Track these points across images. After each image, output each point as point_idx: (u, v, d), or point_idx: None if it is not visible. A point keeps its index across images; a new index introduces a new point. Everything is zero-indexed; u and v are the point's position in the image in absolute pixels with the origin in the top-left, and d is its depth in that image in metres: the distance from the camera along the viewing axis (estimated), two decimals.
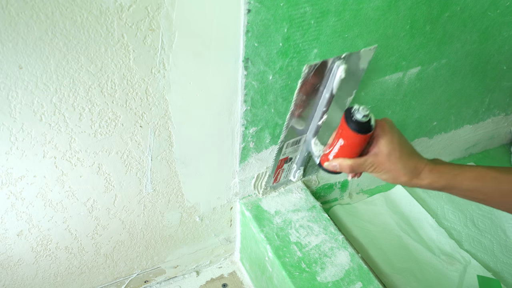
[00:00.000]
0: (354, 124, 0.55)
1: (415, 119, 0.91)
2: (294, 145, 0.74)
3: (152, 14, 0.48)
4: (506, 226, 0.99)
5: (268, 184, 0.81)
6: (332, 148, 0.60)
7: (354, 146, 0.57)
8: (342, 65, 0.60)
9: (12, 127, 0.51)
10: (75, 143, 0.57)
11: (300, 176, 0.84)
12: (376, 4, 0.61)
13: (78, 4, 0.44)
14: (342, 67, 0.60)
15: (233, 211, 0.85)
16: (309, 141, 0.73)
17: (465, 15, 0.73)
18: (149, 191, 0.70)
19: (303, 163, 0.80)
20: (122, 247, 0.77)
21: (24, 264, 0.70)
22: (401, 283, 0.85)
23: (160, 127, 0.61)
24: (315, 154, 0.70)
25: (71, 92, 0.52)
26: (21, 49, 0.45)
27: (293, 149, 0.75)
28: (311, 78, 0.61)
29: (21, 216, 0.62)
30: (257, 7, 0.53)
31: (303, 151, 0.76)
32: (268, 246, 0.76)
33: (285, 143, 0.72)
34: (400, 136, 0.57)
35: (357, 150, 0.58)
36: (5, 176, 0.56)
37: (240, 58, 0.58)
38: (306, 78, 0.60)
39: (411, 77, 0.79)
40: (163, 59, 0.53)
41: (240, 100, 0.64)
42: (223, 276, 0.94)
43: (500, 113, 1.07)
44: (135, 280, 0.87)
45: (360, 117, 0.55)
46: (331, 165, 0.61)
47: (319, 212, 0.82)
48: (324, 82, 0.63)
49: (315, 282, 0.71)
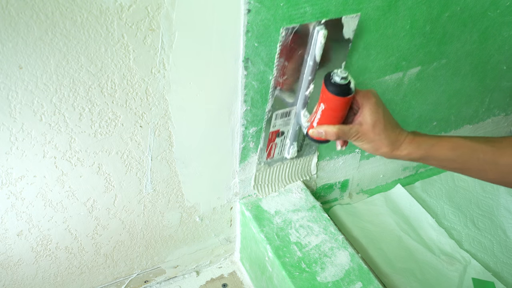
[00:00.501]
0: (333, 87, 0.55)
1: (415, 119, 0.91)
2: (284, 117, 0.72)
3: (152, 14, 0.48)
4: (506, 226, 0.99)
5: (261, 160, 0.79)
6: (315, 114, 0.60)
7: (336, 110, 0.57)
8: (322, 30, 0.59)
9: (12, 127, 0.51)
10: (75, 143, 0.57)
11: (295, 153, 0.81)
12: (376, 4, 0.61)
13: (78, 4, 0.44)
14: (322, 32, 0.59)
15: (233, 211, 0.85)
16: (298, 113, 0.72)
17: (465, 15, 0.73)
18: (149, 191, 0.70)
19: (296, 137, 0.78)
20: (122, 247, 0.77)
21: (24, 264, 0.70)
22: (401, 283, 0.85)
23: (160, 127, 0.61)
24: (304, 125, 0.70)
25: (71, 92, 0.52)
26: (21, 49, 0.45)
27: (283, 121, 0.73)
28: (292, 43, 0.60)
29: (21, 216, 0.62)
30: (257, 7, 0.53)
31: (294, 124, 0.75)
32: (268, 246, 0.76)
33: (273, 113, 0.70)
34: (384, 108, 0.57)
35: (339, 114, 0.58)
36: (5, 176, 0.56)
37: (240, 58, 0.58)
38: (285, 41, 0.59)
39: (411, 77, 0.79)
40: (163, 59, 0.53)
41: (240, 100, 0.64)
42: (223, 276, 0.94)
43: (500, 113, 1.07)
44: (135, 280, 0.87)
45: (338, 79, 0.54)
46: (316, 131, 0.60)
47: (319, 212, 0.82)
48: (307, 50, 0.63)
49: (315, 282, 0.71)
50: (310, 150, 0.87)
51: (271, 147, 0.78)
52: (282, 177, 0.85)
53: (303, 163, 0.87)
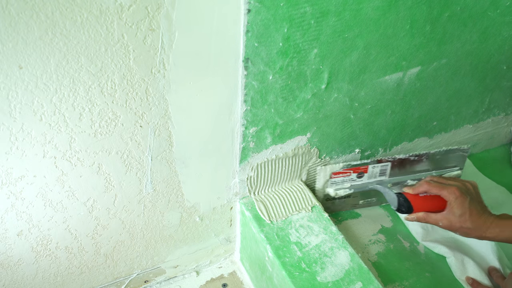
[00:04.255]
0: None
1: (415, 119, 0.91)
2: (379, 174, 0.84)
3: (152, 14, 0.48)
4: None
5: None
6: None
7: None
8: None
9: (12, 127, 0.51)
10: (75, 143, 0.57)
11: (338, 196, 0.87)
12: (376, 4, 0.62)
13: (78, 4, 0.44)
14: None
15: (233, 211, 0.85)
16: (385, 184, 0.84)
17: (465, 15, 0.73)
18: (149, 191, 0.70)
19: (358, 190, 0.87)
20: (122, 247, 0.77)
21: (24, 264, 0.70)
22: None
23: (160, 127, 0.62)
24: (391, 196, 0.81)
25: (71, 92, 0.52)
26: (21, 49, 0.45)
27: (373, 172, 0.84)
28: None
29: (21, 216, 0.62)
30: (257, 7, 0.53)
31: (372, 183, 0.85)
32: (268, 246, 0.76)
33: (378, 161, 0.83)
34: (471, 199, 0.71)
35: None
36: (5, 176, 0.56)
37: (240, 58, 0.58)
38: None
39: (411, 77, 0.79)
40: (163, 59, 0.53)
41: (240, 100, 0.64)
42: (223, 276, 0.94)
43: (500, 113, 1.07)
44: (135, 280, 0.87)
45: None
46: (417, 216, 0.76)
47: (319, 212, 0.82)
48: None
49: (315, 282, 0.71)
50: (345, 206, 0.94)
51: (339, 173, 0.84)
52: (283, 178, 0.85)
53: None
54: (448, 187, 0.72)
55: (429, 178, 0.78)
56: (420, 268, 0.86)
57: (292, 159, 0.81)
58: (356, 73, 0.71)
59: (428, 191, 0.75)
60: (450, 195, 0.71)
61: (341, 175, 0.84)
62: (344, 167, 0.84)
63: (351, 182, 0.86)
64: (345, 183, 0.87)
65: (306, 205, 0.83)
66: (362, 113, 0.80)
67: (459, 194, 0.71)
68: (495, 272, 0.82)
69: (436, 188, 0.74)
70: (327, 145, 0.83)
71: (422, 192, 0.76)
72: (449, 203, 0.72)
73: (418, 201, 0.76)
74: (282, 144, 0.76)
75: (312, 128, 0.76)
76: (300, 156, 0.82)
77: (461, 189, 0.72)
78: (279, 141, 0.75)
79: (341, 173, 0.84)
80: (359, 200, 0.93)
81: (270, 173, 0.81)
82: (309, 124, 0.75)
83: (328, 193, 0.88)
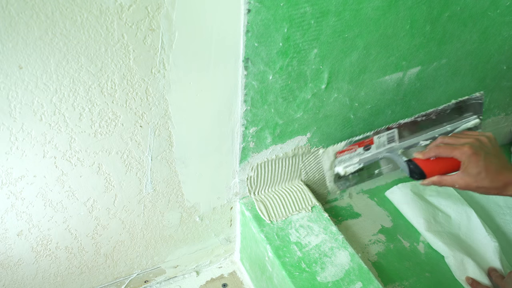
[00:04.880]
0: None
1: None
2: (387, 142, 0.80)
3: (152, 14, 0.48)
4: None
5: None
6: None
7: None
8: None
9: (12, 127, 0.51)
10: (75, 143, 0.57)
11: (348, 173, 0.84)
12: (376, 4, 0.62)
13: (78, 4, 0.44)
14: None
15: (233, 211, 0.85)
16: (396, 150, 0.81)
17: (465, 15, 0.73)
18: (149, 191, 0.70)
19: (369, 163, 0.83)
20: (122, 247, 0.77)
21: (24, 264, 0.70)
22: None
23: (160, 127, 0.62)
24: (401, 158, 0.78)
25: (71, 92, 0.52)
26: (21, 49, 0.45)
27: (380, 142, 0.79)
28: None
29: (21, 216, 0.62)
30: (257, 7, 0.53)
31: (382, 152, 0.81)
32: (268, 246, 0.76)
33: (383, 130, 0.79)
34: (487, 155, 0.68)
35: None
36: (5, 176, 0.56)
37: (240, 58, 0.58)
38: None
39: (411, 77, 0.79)
40: (163, 59, 0.54)
41: (240, 100, 0.64)
42: (223, 276, 0.94)
43: (500, 113, 1.07)
44: (135, 280, 0.87)
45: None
46: (431, 180, 0.73)
47: (319, 212, 0.82)
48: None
49: (315, 282, 0.71)
50: (361, 180, 0.92)
51: (344, 150, 0.81)
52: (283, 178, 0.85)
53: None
54: (459, 147, 0.69)
55: (440, 140, 0.75)
56: (420, 268, 0.86)
57: (292, 159, 0.81)
58: (356, 73, 0.71)
59: (439, 155, 0.72)
60: (462, 155, 0.68)
61: (346, 152, 0.81)
62: (347, 145, 0.81)
63: (359, 156, 0.83)
64: (353, 159, 0.83)
65: (306, 205, 0.83)
66: (362, 113, 0.80)
67: (471, 153, 0.67)
68: (494, 272, 0.82)
69: (446, 150, 0.71)
70: (327, 145, 0.83)
71: (433, 156, 0.73)
72: (463, 163, 0.68)
73: (430, 166, 0.73)
74: (282, 144, 0.76)
75: (312, 128, 0.76)
76: (300, 156, 0.82)
77: (474, 146, 0.68)
78: (279, 141, 0.75)
79: (345, 151, 0.81)
80: (374, 169, 0.90)
81: (270, 173, 0.81)
82: (309, 124, 0.75)
83: (338, 172, 0.86)
